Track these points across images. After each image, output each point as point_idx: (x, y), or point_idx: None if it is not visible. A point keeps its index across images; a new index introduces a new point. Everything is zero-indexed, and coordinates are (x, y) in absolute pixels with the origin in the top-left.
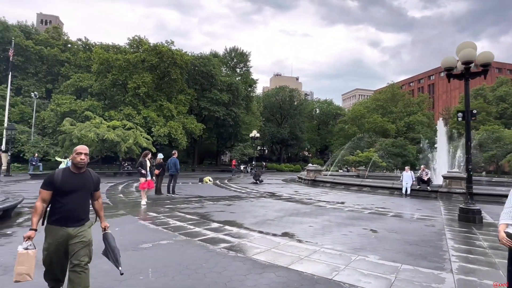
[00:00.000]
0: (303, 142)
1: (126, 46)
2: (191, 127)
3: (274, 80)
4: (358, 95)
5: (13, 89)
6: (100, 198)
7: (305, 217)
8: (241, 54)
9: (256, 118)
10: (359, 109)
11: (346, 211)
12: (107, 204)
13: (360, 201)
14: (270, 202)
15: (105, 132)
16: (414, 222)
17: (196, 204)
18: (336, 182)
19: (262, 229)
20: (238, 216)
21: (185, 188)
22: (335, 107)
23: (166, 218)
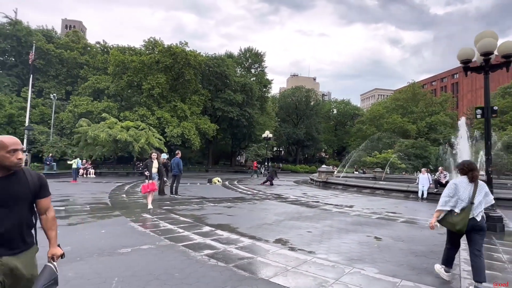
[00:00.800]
0: (320, 143)
1: (141, 48)
2: (204, 128)
3: (291, 81)
4: (378, 95)
5: (34, 91)
6: (50, 210)
7: (306, 221)
8: (256, 54)
9: (271, 118)
10: (378, 109)
11: (352, 216)
12: (105, 205)
13: (370, 204)
14: (273, 205)
15: (118, 132)
16: (425, 230)
17: (196, 205)
18: (348, 184)
19: (255, 235)
20: (234, 220)
21: (191, 189)
22: (353, 107)
23: (159, 221)
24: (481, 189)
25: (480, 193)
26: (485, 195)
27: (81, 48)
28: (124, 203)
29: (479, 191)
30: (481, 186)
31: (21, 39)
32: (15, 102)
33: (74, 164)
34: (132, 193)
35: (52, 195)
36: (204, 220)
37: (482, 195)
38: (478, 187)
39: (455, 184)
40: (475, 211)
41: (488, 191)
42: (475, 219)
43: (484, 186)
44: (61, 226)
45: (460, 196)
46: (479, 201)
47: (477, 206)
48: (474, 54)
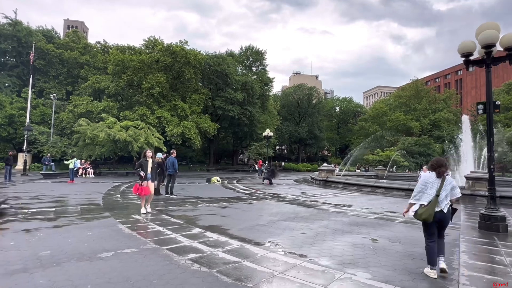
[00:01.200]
0: (322, 141)
1: (141, 47)
2: (205, 127)
3: (293, 79)
4: (380, 93)
5: (35, 91)
6: None
7: (301, 222)
8: (256, 52)
9: (273, 117)
10: (380, 106)
11: (349, 216)
12: (97, 206)
13: (370, 204)
14: (269, 205)
15: (117, 132)
16: None
17: (190, 206)
18: (349, 183)
19: (245, 236)
20: (227, 221)
21: (188, 189)
22: (355, 105)
23: (148, 222)
24: (447, 183)
25: (446, 188)
26: (452, 189)
27: (81, 48)
28: (117, 204)
29: (445, 185)
30: (448, 181)
31: (21, 39)
32: (15, 103)
33: (71, 164)
34: (127, 193)
35: (46, 196)
36: (196, 221)
37: (448, 189)
38: (445, 182)
39: (424, 180)
40: (441, 204)
41: (455, 186)
42: (443, 211)
43: (451, 181)
44: (46, 229)
45: (427, 190)
46: (445, 195)
47: (443, 199)
48: (475, 47)
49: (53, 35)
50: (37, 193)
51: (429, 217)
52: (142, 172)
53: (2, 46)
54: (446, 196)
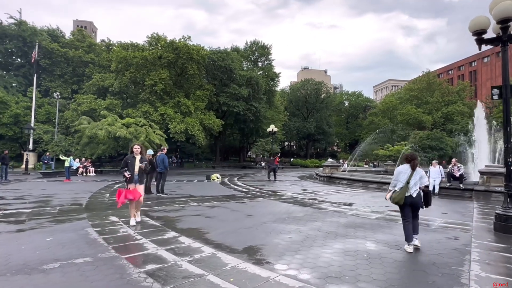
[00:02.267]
0: (331, 137)
1: (145, 44)
2: (209, 123)
3: (302, 74)
4: (391, 86)
5: (41, 90)
6: None
7: (292, 223)
8: (262, 47)
9: (279, 112)
10: (391, 100)
11: (348, 216)
12: (78, 206)
13: (373, 201)
14: (263, 203)
15: (117, 129)
16: (432, 233)
17: (177, 205)
18: (353, 179)
19: (223, 242)
20: (210, 222)
21: (184, 187)
22: (365, 99)
23: (122, 225)
24: (416, 174)
25: (415, 177)
26: (420, 178)
27: (86, 46)
28: (100, 204)
29: (414, 175)
30: (417, 172)
31: (26, 39)
32: (21, 102)
33: (67, 162)
34: (115, 191)
35: (32, 196)
36: (175, 224)
37: (417, 178)
38: (415, 172)
39: (398, 170)
40: (411, 190)
41: (424, 175)
42: (412, 196)
43: (420, 171)
44: (7, 233)
45: (400, 178)
46: (414, 183)
47: (412, 186)
48: (489, 23)
49: (58, 35)
50: (24, 193)
51: (400, 201)
52: (127, 173)
53: (8, 46)
54: (415, 183)
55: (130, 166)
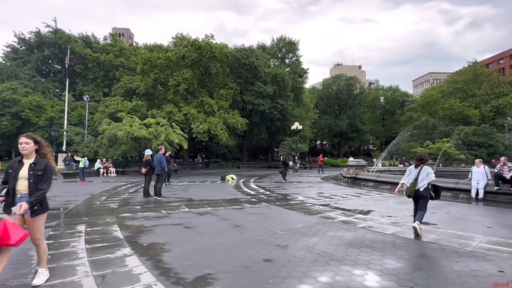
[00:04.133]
0: (365, 135)
1: (170, 45)
2: (233, 122)
3: (334, 70)
4: (432, 80)
5: (75, 94)
6: None
7: (282, 239)
8: (289, 43)
9: (308, 110)
10: (431, 94)
11: (357, 229)
12: (57, 211)
13: (397, 209)
14: (263, 210)
15: (136, 130)
16: (466, 259)
17: (164, 211)
18: (380, 181)
19: (177, 266)
20: (183, 235)
21: (190, 189)
22: (402, 94)
23: (75, 238)
24: (423, 171)
25: (422, 174)
26: (427, 175)
27: (117, 50)
28: (86, 209)
29: (422, 172)
30: (425, 169)
31: (61, 46)
32: (56, 106)
33: (81, 163)
34: (116, 194)
35: None
36: (141, 237)
37: (424, 175)
38: (422, 170)
39: (408, 168)
40: (419, 185)
41: (430, 172)
42: (419, 190)
43: (427, 169)
44: None
45: (410, 175)
46: (421, 179)
47: (420, 181)
48: None
49: (92, 41)
50: None
51: (411, 194)
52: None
53: (45, 53)
54: (422, 179)
55: (11, 178)
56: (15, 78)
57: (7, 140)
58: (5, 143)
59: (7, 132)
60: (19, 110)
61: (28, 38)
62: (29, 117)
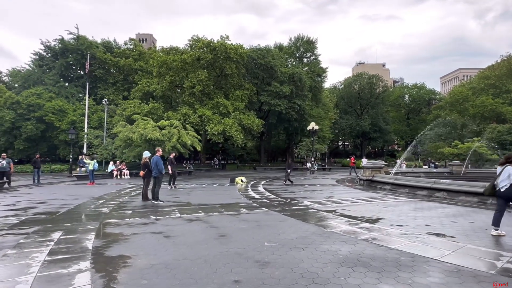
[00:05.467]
0: (389, 135)
1: (186, 47)
2: (248, 123)
3: (357, 69)
4: (462, 76)
5: (96, 98)
6: None
7: (266, 253)
8: (307, 42)
9: (328, 110)
10: (461, 91)
11: (358, 241)
12: (49, 216)
13: (411, 217)
14: (259, 217)
15: (149, 132)
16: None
17: (153, 217)
18: (398, 184)
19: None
20: (157, 246)
21: (193, 192)
22: (428, 91)
23: (42, 249)
24: (505, 171)
25: (504, 174)
26: (508, 176)
27: (136, 55)
28: (76, 214)
29: (503, 172)
30: (507, 170)
31: (83, 52)
32: (78, 110)
33: (91, 165)
34: (116, 197)
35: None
36: (110, 247)
37: (505, 175)
38: (504, 170)
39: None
40: (499, 185)
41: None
42: (500, 190)
43: (510, 169)
44: None
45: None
46: (502, 179)
47: (501, 181)
48: None
49: (113, 46)
50: (25, 199)
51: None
52: None
53: (68, 59)
54: (503, 180)
55: None
56: (41, 84)
57: (32, 144)
58: (31, 147)
59: (32, 136)
60: (43, 114)
61: (53, 46)
62: (52, 121)
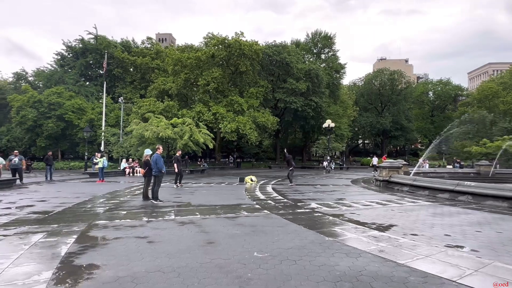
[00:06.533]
0: (411, 133)
1: (201, 45)
2: (263, 121)
3: (378, 65)
4: (492, 71)
5: (114, 97)
6: None
7: (251, 266)
8: (325, 37)
9: (346, 107)
10: (490, 86)
11: (362, 253)
12: (42, 215)
13: (428, 224)
14: (258, 221)
15: (162, 130)
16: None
17: (146, 219)
18: (417, 185)
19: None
20: (133, 255)
21: (198, 192)
22: (454, 87)
23: (12, 254)
24: None
25: None
26: None
27: (153, 53)
28: (69, 214)
29: None
30: None
31: (102, 51)
32: (96, 108)
33: (100, 163)
34: (118, 196)
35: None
36: (84, 253)
37: None
38: None
39: None
40: None
41: None
42: None
43: None
44: None
45: None
46: None
47: None
48: None
49: (131, 45)
50: (29, 196)
51: None
52: None
53: (88, 59)
54: None
55: None
56: (62, 83)
57: (53, 141)
58: (52, 144)
59: (53, 134)
60: (63, 112)
61: (74, 46)
62: (71, 119)
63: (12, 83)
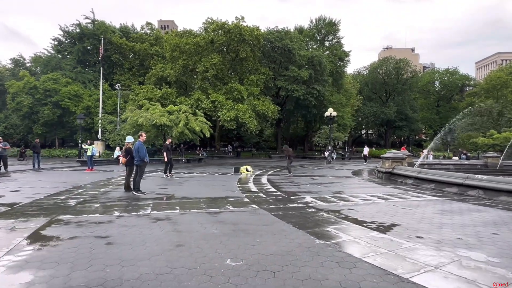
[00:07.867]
0: (416, 123)
1: (201, 31)
2: (263, 109)
3: (383, 54)
4: (501, 61)
5: (112, 84)
6: None
7: (217, 280)
8: (329, 24)
9: (350, 96)
10: (499, 76)
11: (358, 262)
12: (11, 208)
13: (436, 224)
14: (241, 217)
15: (156, 117)
16: None
17: (118, 213)
18: (422, 178)
19: None
20: (78, 261)
21: (187, 182)
22: (461, 77)
23: None
24: None
25: None
26: None
27: (153, 39)
28: (35, 206)
29: None
30: None
31: (99, 36)
32: (94, 95)
33: (89, 151)
34: (99, 186)
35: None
36: (20, 259)
37: None
38: None
39: None
40: None
41: None
42: None
43: None
44: None
45: None
46: None
47: None
48: None
49: (130, 31)
50: (5, 186)
51: None
52: None
53: (85, 45)
54: None
55: None
56: (59, 69)
57: (50, 128)
58: (49, 131)
59: (49, 121)
60: (59, 99)
61: (71, 31)
62: (68, 106)
63: (10, 70)
